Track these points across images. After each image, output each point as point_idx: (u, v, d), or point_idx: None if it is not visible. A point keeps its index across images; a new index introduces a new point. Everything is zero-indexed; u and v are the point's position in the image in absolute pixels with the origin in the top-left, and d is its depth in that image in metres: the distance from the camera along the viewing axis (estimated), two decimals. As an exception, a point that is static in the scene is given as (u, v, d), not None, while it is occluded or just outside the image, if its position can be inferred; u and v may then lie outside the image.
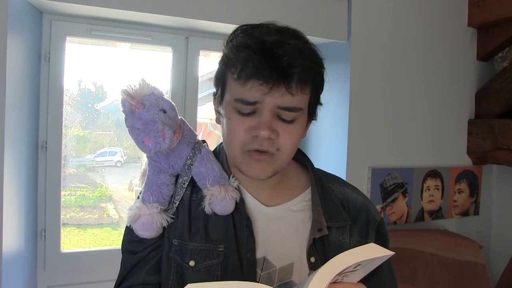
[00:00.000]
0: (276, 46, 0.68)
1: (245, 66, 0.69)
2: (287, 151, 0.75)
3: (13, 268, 1.41)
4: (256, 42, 0.69)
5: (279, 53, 0.68)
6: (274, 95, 0.69)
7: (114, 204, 2.99)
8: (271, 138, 0.71)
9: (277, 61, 0.67)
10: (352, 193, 0.89)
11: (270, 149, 0.72)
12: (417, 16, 2.09)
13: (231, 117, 0.74)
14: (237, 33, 0.74)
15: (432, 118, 2.17)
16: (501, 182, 2.44)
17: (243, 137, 0.72)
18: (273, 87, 0.68)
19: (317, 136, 2.09)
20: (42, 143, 1.62)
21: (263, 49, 0.68)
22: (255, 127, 0.71)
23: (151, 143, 0.71)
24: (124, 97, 0.73)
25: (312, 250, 0.79)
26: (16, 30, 1.37)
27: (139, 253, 0.81)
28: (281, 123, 0.72)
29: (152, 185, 0.79)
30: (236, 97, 0.71)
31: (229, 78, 0.74)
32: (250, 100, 0.70)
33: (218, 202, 0.77)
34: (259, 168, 0.75)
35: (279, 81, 0.68)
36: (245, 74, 0.69)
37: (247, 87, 0.69)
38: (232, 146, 0.75)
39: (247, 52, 0.69)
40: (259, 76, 0.68)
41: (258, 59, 0.67)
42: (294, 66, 0.68)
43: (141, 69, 2.16)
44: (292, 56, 0.68)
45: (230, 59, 0.72)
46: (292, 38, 0.71)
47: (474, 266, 1.95)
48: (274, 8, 1.75)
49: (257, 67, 0.67)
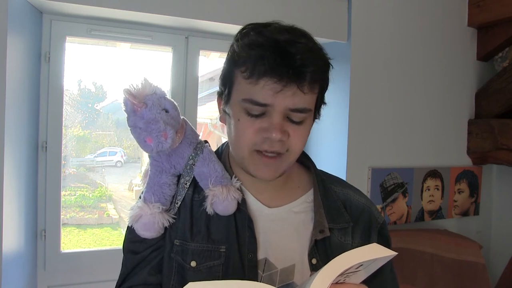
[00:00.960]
0: (289, 44, 0.68)
1: (258, 64, 0.68)
2: (296, 152, 0.76)
3: (13, 268, 1.41)
4: (268, 40, 0.69)
5: (292, 52, 0.67)
6: (286, 93, 0.68)
7: (114, 204, 2.99)
8: (283, 140, 0.71)
9: (291, 59, 0.67)
10: (355, 195, 0.89)
11: (281, 150, 0.73)
12: (417, 16, 2.09)
13: (240, 118, 0.73)
14: (246, 31, 0.73)
15: (432, 118, 2.17)
16: (501, 182, 2.44)
17: (253, 139, 0.72)
18: (286, 86, 0.68)
19: (317, 136, 2.09)
20: (42, 143, 1.62)
21: (276, 48, 0.68)
22: (266, 129, 0.71)
23: (153, 142, 0.71)
24: (126, 97, 0.73)
25: (314, 251, 0.79)
26: (16, 30, 1.37)
27: (140, 253, 0.81)
28: (291, 124, 0.72)
29: (153, 185, 0.79)
30: (246, 97, 0.71)
31: (238, 77, 0.72)
32: (261, 101, 0.69)
33: (220, 203, 0.76)
34: (267, 170, 0.75)
35: (292, 80, 0.68)
36: (257, 72, 0.68)
37: (259, 85, 0.69)
38: (241, 147, 0.75)
39: (260, 51, 0.68)
40: (273, 74, 0.67)
41: (272, 57, 0.67)
42: (307, 65, 0.68)
43: (141, 69, 2.16)
44: (305, 55, 0.68)
45: (240, 58, 0.71)
46: (302, 37, 0.71)
47: (474, 266, 1.95)
48: (274, 8, 1.75)
49: (272, 65, 0.67)
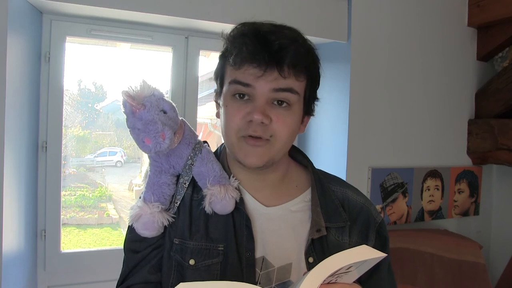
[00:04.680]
0: (270, 33, 0.73)
1: (240, 51, 0.73)
2: (282, 139, 0.76)
3: (13, 268, 1.41)
4: (251, 30, 0.74)
5: (271, 39, 0.72)
6: (267, 78, 0.72)
7: (114, 204, 2.99)
8: (264, 123, 0.73)
9: (270, 45, 0.71)
10: (353, 194, 0.89)
11: (264, 135, 0.74)
12: (417, 16, 2.09)
13: (228, 104, 0.76)
14: (235, 27, 0.78)
15: (432, 118, 2.17)
16: (501, 182, 2.44)
17: (238, 123, 0.75)
18: (266, 70, 0.71)
19: (317, 136, 2.09)
20: (42, 143, 1.62)
21: (257, 36, 0.72)
22: (249, 113, 0.73)
23: (151, 143, 0.72)
24: (125, 98, 0.74)
25: (311, 250, 0.80)
26: (16, 30, 1.37)
27: (140, 252, 0.82)
28: (275, 109, 0.74)
29: (153, 185, 0.81)
30: (231, 79, 0.75)
31: (227, 67, 0.77)
32: (244, 81, 0.73)
33: (218, 202, 0.77)
34: (254, 155, 0.76)
35: (271, 64, 0.71)
36: (239, 58, 0.73)
37: (241, 70, 0.73)
38: (229, 134, 0.77)
39: (242, 39, 0.73)
40: (253, 59, 0.71)
41: (252, 44, 0.71)
42: (286, 50, 0.72)
43: (141, 69, 2.16)
44: (284, 41, 0.72)
45: (227, 50, 0.77)
46: (286, 29, 0.76)
47: (474, 266, 1.95)
48: (274, 8, 1.75)
49: (251, 51, 0.71)
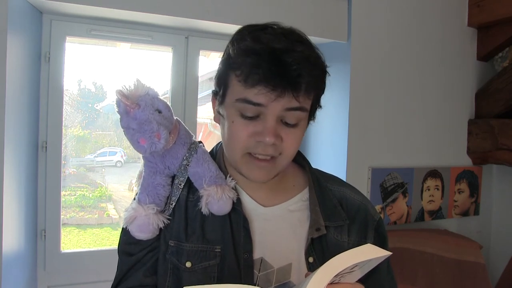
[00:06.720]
0: (285, 53, 0.67)
1: (252, 72, 0.68)
2: (289, 155, 0.75)
3: (13, 268, 1.41)
4: (264, 49, 0.68)
5: (288, 61, 0.67)
6: (281, 102, 0.69)
7: (114, 204, 2.98)
8: (276, 144, 0.71)
9: (286, 69, 0.67)
10: (351, 193, 0.89)
11: (274, 154, 0.73)
12: (417, 16, 2.08)
13: (234, 121, 0.73)
14: (242, 35, 0.73)
15: (432, 118, 2.16)
16: (501, 182, 2.44)
17: (246, 142, 0.72)
18: (280, 94, 0.68)
19: (317, 136, 2.09)
20: (42, 143, 1.62)
21: (272, 56, 0.67)
22: (259, 133, 0.71)
23: (146, 143, 0.71)
24: (119, 97, 0.73)
25: (310, 250, 0.79)
26: (16, 30, 1.37)
27: (135, 254, 0.80)
28: (285, 128, 0.72)
29: (148, 186, 0.79)
30: (240, 97, 0.70)
31: (232, 80, 0.72)
32: (255, 101, 0.69)
33: (215, 202, 0.76)
34: (260, 172, 0.75)
35: (286, 89, 0.68)
36: (251, 79, 0.68)
37: (253, 90, 0.69)
38: (234, 150, 0.75)
39: (255, 59, 0.68)
40: (268, 83, 0.67)
41: (267, 67, 0.67)
42: (303, 76, 0.68)
43: (141, 69, 2.16)
44: (301, 65, 0.68)
45: (235, 62, 0.71)
46: (299, 44, 0.70)
47: (474, 266, 1.94)
48: (274, 8, 1.75)
49: (266, 74, 0.67)
